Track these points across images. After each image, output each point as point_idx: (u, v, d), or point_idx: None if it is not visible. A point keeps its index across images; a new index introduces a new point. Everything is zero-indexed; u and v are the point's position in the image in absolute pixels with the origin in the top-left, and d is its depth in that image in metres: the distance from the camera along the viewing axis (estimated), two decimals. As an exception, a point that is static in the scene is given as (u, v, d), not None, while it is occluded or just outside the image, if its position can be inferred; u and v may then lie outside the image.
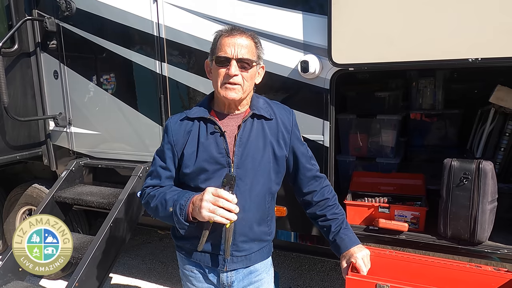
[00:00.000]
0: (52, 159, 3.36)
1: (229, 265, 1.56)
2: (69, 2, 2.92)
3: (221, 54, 1.45)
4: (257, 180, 1.54)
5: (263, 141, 1.55)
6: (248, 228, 1.55)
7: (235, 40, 1.45)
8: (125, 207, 2.68)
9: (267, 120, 1.56)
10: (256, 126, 1.54)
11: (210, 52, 1.53)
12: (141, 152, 2.93)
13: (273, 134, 1.57)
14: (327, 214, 1.67)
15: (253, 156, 1.52)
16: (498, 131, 2.62)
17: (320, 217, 1.68)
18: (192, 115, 1.54)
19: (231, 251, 1.52)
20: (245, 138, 1.52)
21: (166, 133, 1.57)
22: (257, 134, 1.54)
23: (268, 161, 1.56)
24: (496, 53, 1.83)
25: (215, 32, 1.53)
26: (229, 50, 1.44)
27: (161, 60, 2.69)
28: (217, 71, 1.46)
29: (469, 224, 2.04)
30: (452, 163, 2.09)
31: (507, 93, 2.38)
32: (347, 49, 2.12)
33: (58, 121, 3.19)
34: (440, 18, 1.91)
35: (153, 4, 2.63)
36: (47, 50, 3.18)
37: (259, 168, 1.54)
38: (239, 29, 1.49)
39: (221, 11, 2.45)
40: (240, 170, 1.50)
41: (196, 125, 1.53)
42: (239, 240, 1.54)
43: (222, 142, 1.50)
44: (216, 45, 1.49)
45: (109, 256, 2.59)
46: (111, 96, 2.96)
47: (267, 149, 1.55)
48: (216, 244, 1.53)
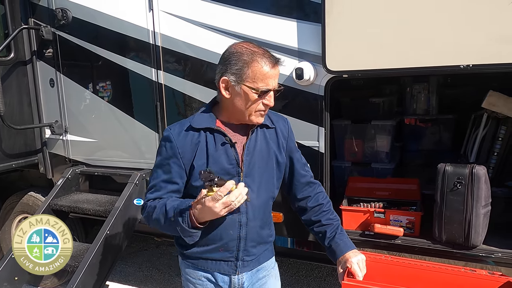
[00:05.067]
0: (48, 167, 3.35)
1: (240, 269, 1.60)
2: (65, 11, 2.93)
3: (264, 88, 1.41)
4: (263, 187, 1.57)
5: (267, 149, 1.58)
6: (257, 234, 1.60)
7: (276, 72, 1.44)
8: (122, 215, 2.68)
9: (268, 128, 1.60)
10: (260, 134, 1.57)
11: (236, 72, 1.41)
12: (137, 159, 2.93)
13: (274, 141, 1.60)
14: (322, 219, 1.68)
15: (259, 164, 1.55)
16: (491, 136, 2.64)
17: (315, 223, 1.69)
18: (198, 125, 1.49)
19: (242, 257, 1.58)
20: (252, 147, 1.54)
21: (170, 144, 1.49)
22: (262, 143, 1.57)
23: (272, 168, 1.60)
24: (486, 60, 1.87)
25: (247, 53, 1.41)
26: (272, 82, 1.43)
27: (157, 68, 2.71)
28: (253, 99, 1.43)
29: (464, 228, 2.06)
30: (446, 168, 2.11)
31: (499, 98, 2.41)
32: (341, 56, 2.15)
33: (54, 129, 3.19)
34: (432, 26, 1.94)
35: (149, 12, 2.65)
36: (43, 58, 3.19)
37: (265, 175, 1.58)
38: (277, 59, 1.44)
39: (217, 20, 2.47)
40: (248, 179, 1.52)
41: (203, 136, 1.49)
42: (249, 246, 1.58)
43: (233, 153, 1.50)
44: (253, 72, 1.40)
45: (105, 264, 2.58)
46: (107, 104, 2.97)
47: (271, 156, 1.59)
48: (230, 252, 1.56)
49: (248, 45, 1.45)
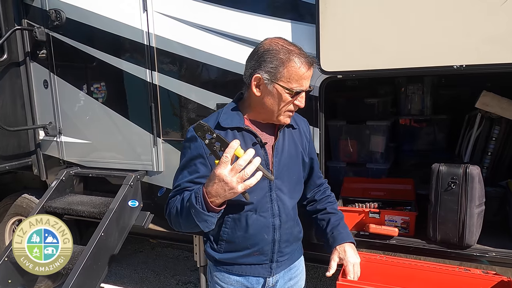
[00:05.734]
0: (42, 169, 3.33)
1: (275, 270, 1.59)
2: (59, 12, 2.91)
3: (298, 89, 1.38)
4: (294, 187, 1.58)
5: (294, 149, 1.57)
6: (290, 234, 1.60)
7: (311, 73, 1.40)
8: (116, 216, 2.67)
9: (293, 129, 1.59)
10: (287, 135, 1.56)
11: (270, 70, 1.36)
12: (132, 160, 2.92)
13: (299, 142, 1.60)
14: (328, 208, 1.71)
15: (288, 164, 1.53)
16: (485, 136, 2.65)
17: (320, 211, 1.71)
18: (227, 124, 1.44)
19: (276, 258, 1.57)
20: (280, 148, 1.52)
21: (195, 145, 1.42)
22: (289, 143, 1.55)
23: (300, 169, 1.60)
24: (479, 60, 1.87)
25: (284, 51, 1.36)
26: (305, 83, 1.40)
27: (151, 69, 2.70)
28: (285, 100, 1.39)
29: (458, 228, 2.06)
30: (440, 168, 2.12)
31: (492, 98, 2.42)
32: (336, 57, 2.15)
33: (48, 130, 3.17)
34: (426, 27, 1.95)
35: (143, 13, 2.64)
36: (37, 59, 3.17)
37: (294, 176, 1.57)
38: (313, 60, 1.40)
39: (211, 20, 2.46)
40: (278, 181, 1.50)
41: (230, 135, 1.43)
42: (283, 246, 1.58)
43: (263, 153, 1.46)
44: (289, 72, 1.35)
45: (100, 266, 2.57)
46: (101, 105, 2.95)
47: (298, 157, 1.59)
48: (265, 255, 1.55)
49: (283, 42, 1.40)
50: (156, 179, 2.87)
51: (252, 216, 1.49)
